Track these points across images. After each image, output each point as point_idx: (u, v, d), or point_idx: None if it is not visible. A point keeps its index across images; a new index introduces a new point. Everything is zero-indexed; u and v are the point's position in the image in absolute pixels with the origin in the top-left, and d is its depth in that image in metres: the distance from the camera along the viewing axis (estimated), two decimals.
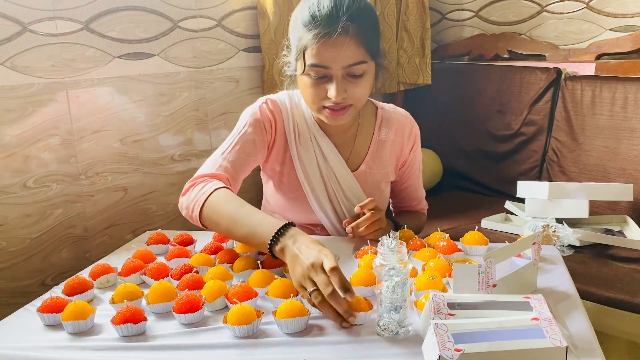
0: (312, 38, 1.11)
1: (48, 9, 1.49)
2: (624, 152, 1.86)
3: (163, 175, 1.81)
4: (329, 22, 1.10)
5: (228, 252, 1.14)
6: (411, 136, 1.34)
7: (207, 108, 1.89)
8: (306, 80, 1.16)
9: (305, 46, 1.13)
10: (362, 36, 1.13)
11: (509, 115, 2.21)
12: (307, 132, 1.29)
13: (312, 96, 1.17)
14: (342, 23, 1.10)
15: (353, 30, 1.11)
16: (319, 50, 1.12)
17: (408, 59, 2.39)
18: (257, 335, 0.87)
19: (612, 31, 2.12)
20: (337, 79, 1.14)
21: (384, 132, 1.33)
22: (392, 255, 0.84)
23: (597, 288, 1.41)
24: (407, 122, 1.35)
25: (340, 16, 1.10)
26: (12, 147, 1.47)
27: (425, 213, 1.48)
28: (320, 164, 1.29)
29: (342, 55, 1.12)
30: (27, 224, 1.52)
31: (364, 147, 1.32)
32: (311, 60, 1.13)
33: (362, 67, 1.14)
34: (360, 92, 1.17)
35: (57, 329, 0.91)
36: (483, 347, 0.70)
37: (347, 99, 1.16)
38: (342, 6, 1.12)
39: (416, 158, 1.38)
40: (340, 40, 1.11)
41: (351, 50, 1.12)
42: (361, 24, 1.13)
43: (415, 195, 1.43)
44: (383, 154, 1.33)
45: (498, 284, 0.89)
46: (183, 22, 1.78)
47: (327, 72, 1.14)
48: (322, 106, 1.18)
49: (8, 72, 1.43)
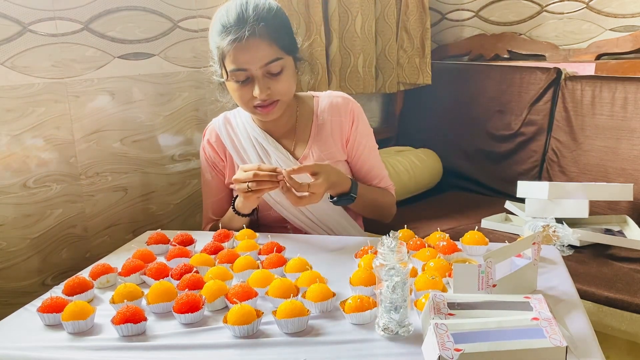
0: (226, 45, 1.22)
1: (48, 9, 1.49)
2: (624, 152, 1.86)
3: (163, 175, 1.81)
4: (237, 27, 1.21)
5: (228, 252, 1.14)
6: (348, 113, 1.40)
7: (207, 108, 1.89)
8: (233, 85, 1.28)
9: (223, 53, 1.24)
10: (273, 35, 1.23)
11: (509, 115, 2.21)
12: (246, 137, 1.41)
13: (241, 98, 1.29)
14: (249, 26, 1.20)
15: (261, 31, 1.21)
16: (234, 55, 1.23)
17: (408, 59, 2.39)
18: (257, 335, 0.87)
19: (612, 31, 2.12)
20: (258, 79, 1.24)
21: (321, 116, 1.41)
22: (392, 255, 0.84)
23: (597, 288, 1.41)
24: (342, 101, 1.42)
25: (247, 20, 1.21)
26: (12, 147, 1.47)
27: (391, 192, 1.50)
28: (263, 159, 1.38)
29: (257, 56, 1.22)
30: (27, 224, 1.52)
31: (305, 134, 1.41)
32: (230, 65, 1.24)
33: (278, 63, 1.25)
34: (283, 87, 1.27)
35: (57, 329, 0.91)
36: (483, 347, 0.70)
37: (273, 95, 1.26)
38: (247, 11, 1.22)
39: (361, 134, 1.42)
40: (252, 43, 1.21)
41: (264, 50, 1.22)
42: (269, 24, 1.23)
43: (374, 173, 1.46)
44: (324, 136, 1.40)
45: (498, 284, 0.89)
46: (183, 22, 1.78)
47: (247, 74, 1.24)
48: (253, 106, 1.28)
49: (8, 72, 1.43)
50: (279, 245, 1.16)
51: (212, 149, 1.44)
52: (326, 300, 0.92)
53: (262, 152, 1.38)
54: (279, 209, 1.38)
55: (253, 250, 1.17)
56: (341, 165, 1.41)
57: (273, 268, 1.08)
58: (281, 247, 1.17)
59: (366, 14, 2.22)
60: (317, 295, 0.93)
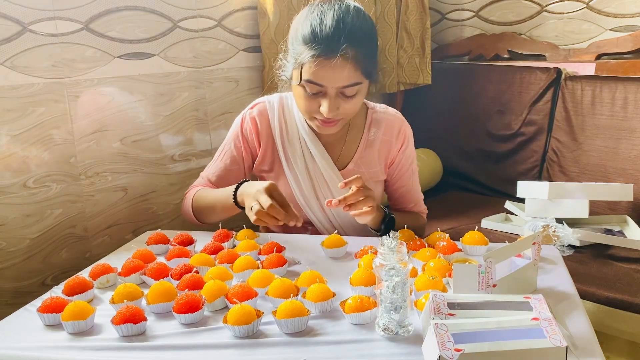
0: (310, 57, 1.14)
1: (48, 9, 1.49)
2: (624, 152, 1.86)
3: (163, 175, 1.81)
4: (329, 45, 1.12)
5: (228, 252, 1.14)
6: (400, 135, 1.36)
7: (207, 108, 1.89)
8: (301, 91, 1.20)
9: (303, 61, 1.15)
10: (361, 60, 1.15)
11: (509, 115, 2.21)
12: (295, 133, 1.34)
13: (305, 107, 1.22)
14: (342, 50, 1.12)
15: (352, 54, 1.13)
16: (316, 70, 1.15)
17: (408, 59, 2.39)
18: (257, 335, 0.87)
19: (612, 31, 2.12)
20: (330, 97, 1.17)
21: (372, 131, 1.36)
22: (392, 255, 0.84)
23: (597, 288, 1.41)
24: (396, 121, 1.37)
25: (341, 41, 1.12)
26: (12, 147, 1.46)
27: (424, 216, 1.47)
28: (308, 162, 1.33)
29: (339, 78, 1.15)
30: (27, 224, 1.51)
31: (353, 147, 1.36)
32: (307, 76, 1.16)
33: (356, 87, 1.18)
34: (352, 108, 1.22)
35: (57, 329, 0.91)
36: (483, 347, 0.70)
37: (339, 115, 1.20)
38: (344, 29, 1.13)
39: (407, 158, 1.39)
40: (339, 64, 1.13)
41: (348, 73, 1.15)
42: (361, 48, 1.15)
43: (410, 197, 1.43)
44: (371, 153, 1.36)
45: (498, 284, 0.89)
46: (183, 22, 1.78)
47: (321, 89, 1.17)
48: (314, 117, 1.22)
49: (8, 72, 1.43)
50: (279, 245, 1.16)
51: (255, 125, 1.35)
52: (326, 300, 0.92)
53: (308, 156, 1.33)
54: (307, 212, 1.36)
55: (253, 250, 1.17)
56: (379, 185, 1.39)
57: (273, 268, 1.08)
58: (281, 247, 1.17)
59: None
60: (317, 295, 0.93)
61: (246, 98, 1.96)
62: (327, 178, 1.33)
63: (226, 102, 1.93)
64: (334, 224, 1.38)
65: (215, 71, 1.89)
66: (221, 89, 1.92)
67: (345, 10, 1.15)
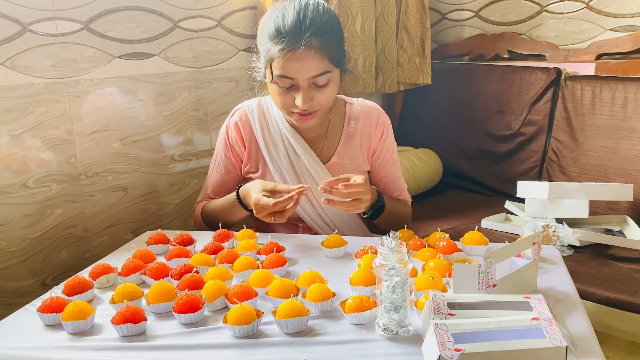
0: (277, 52, 1.19)
1: (48, 9, 1.49)
2: (624, 152, 1.86)
3: (163, 175, 1.81)
4: (292, 37, 1.18)
5: (228, 252, 1.14)
6: (379, 125, 1.41)
7: (207, 108, 1.89)
8: (275, 88, 1.25)
9: (272, 58, 1.21)
10: (326, 48, 1.20)
11: (509, 115, 2.21)
12: (277, 132, 1.39)
13: (281, 103, 1.27)
14: (305, 39, 1.17)
15: (316, 43, 1.18)
16: (284, 64, 1.19)
17: (408, 59, 2.39)
18: (257, 335, 0.87)
19: (612, 31, 2.12)
20: (303, 89, 1.22)
21: (352, 124, 1.41)
22: (392, 255, 0.84)
23: (597, 288, 1.41)
24: (373, 112, 1.43)
25: (303, 31, 1.17)
26: (12, 147, 1.46)
27: (409, 204, 1.52)
28: (292, 159, 1.37)
29: (307, 68, 1.20)
30: (27, 224, 1.52)
31: (335, 140, 1.41)
32: (278, 71, 1.21)
33: (326, 76, 1.23)
34: (326, 98, 1.26)
35: (57, 329, 0.91)
36: (483, 347, 0.70)
37: (314, 106, 1.25)
38: (305, 21, 1.19)
39: (388, 147, 1.43)
40: (305, 54, 1.18)
41: (315, 62, 1.20)
42: (324, 37, 1.20)
43: (395, 185, 1.47)
44: (353, 145, 1.40)
45: (498, 284, 0.89)
46: (183, 22, 1.78)
47: (293, 82, 1.22)
48: (291, 111, 1.27)
49: (8, 72, 1.43)
50: (278, 245, 1.16)
51: (238, 131, 1.41)
52: (326, 300, 0.92)
53: (292, 153, 1.38)
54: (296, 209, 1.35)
55: (253, 250, 1.17)
56: (364, 175, 1.40)
57: (273, 268, 1.08)
58: (281, 247, 1.17)
59: (366, 14, 2.22)
60: (317, 295, 0.93)
61: (246, 98, 1.95)
62: (313, 172, 1.36)
63: (226, 102, 1.93)
64: (324, 219, 1.40)
65: (215, 71, 1.89)
66: (221, 89, 1.92)
67: (305, 5, 1.21)
